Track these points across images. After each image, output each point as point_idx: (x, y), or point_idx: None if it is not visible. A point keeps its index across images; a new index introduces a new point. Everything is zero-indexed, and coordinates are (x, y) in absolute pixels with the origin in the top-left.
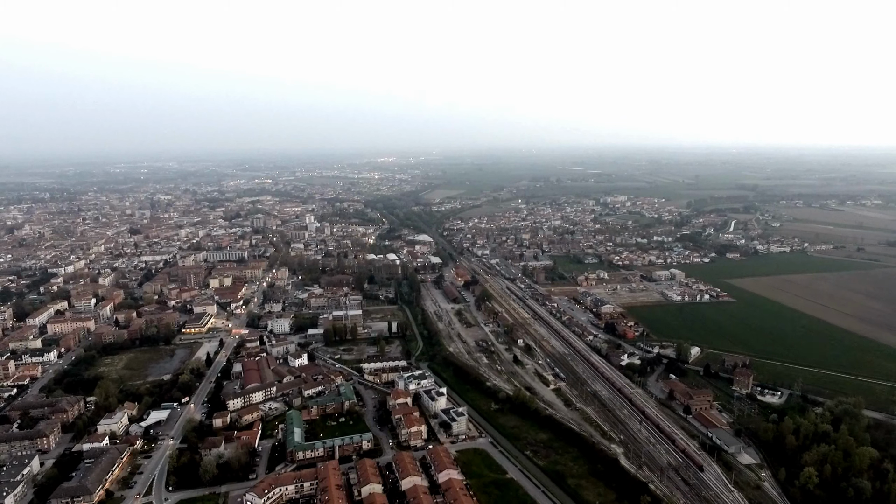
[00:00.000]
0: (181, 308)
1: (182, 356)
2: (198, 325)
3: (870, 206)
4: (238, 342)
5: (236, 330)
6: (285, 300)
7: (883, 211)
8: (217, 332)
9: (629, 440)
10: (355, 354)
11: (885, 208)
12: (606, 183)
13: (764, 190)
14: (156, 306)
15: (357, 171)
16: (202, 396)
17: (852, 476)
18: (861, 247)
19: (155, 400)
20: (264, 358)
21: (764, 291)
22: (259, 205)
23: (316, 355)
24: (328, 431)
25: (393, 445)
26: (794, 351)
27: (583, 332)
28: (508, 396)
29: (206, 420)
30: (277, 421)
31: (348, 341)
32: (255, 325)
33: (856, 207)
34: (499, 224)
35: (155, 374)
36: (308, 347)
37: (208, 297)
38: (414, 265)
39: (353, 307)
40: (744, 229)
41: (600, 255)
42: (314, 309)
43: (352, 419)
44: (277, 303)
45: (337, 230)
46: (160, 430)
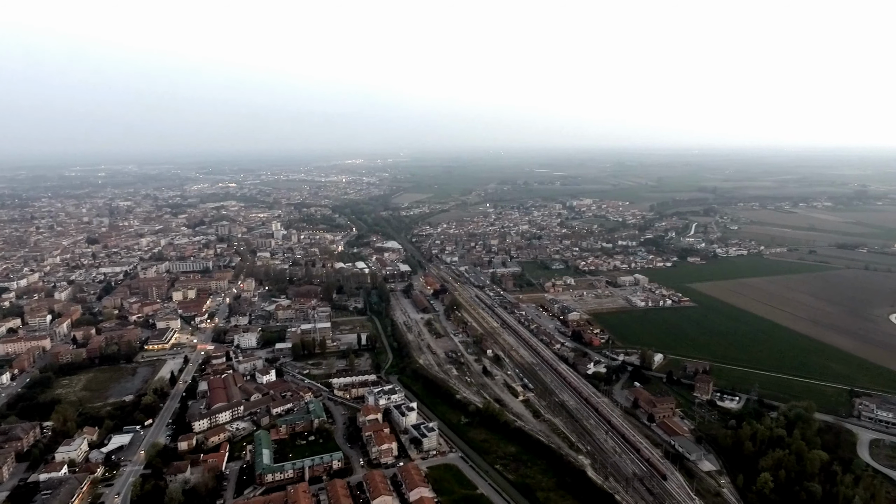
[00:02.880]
0: (143, 323)
1: (145, 375)
2: (161, 342)
3: (820, 208)
4: (203, 359)
5: (201, 346)
6: (252, 313)
7: (832, 213)
8: (181, 348)
9: (596, 451)
10: (324, 369)
11: (835, 210)
12: (572, 185)
13: (723, 192)
14: (116, 322)
15: (324, 174)
16: (166, 418)
17: (805, 480)
18: (813, 249)
19: (116, 423)
20: (231, 375)
21: (723, 295)
22: (224, 211)
23: (284, 371)
24: (298, 451)
25: (364, 464)
26: (751, 355)
27: (550, 340)
28: (478, 409)
29: (171, 443)
30: (245, 441)
31: (317, 355)
32: (221, 339)
33: (808, 209)
34: (467, 229)
35: (116, 395)
36: (276, 363)
37: (172, 311)
38: (383, 273)
39: (322, 319)
40: (704, 232)
41: (567, 260)
42: (282, 321)
43: (322, 437)
44: (244, 316)
45: (304, 237)
46: (122, 455)
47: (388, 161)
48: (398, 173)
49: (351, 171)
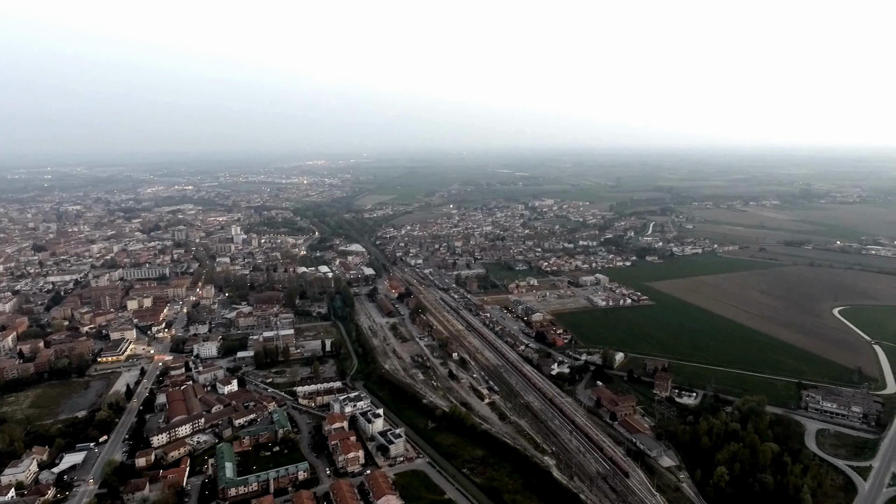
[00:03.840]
0: (96, 334)
1: (98, 389)
2: (115, 353)
3: (769, 206)
4: (161, 370)
5: (159, 356)
6: (212, 321)
7: (780, 211)
8: (137, 359)
9: (561, 451)
10: (288, 377)
11: (782, 209)
12: (534, 186)
13: (679, 192)
14: (66, 334)
15: (285, 176)
16: (123, 433)
17: (758, 472)
18: (763, 247)
19: (69, 441)
20: (191, 386)
21: (679, 293)
22: (180, 214)
23: (247, 380)
24: (262, 463)
25: (330, 473)
26: (707, 351)
27: (515, 342)
28: (445, 413)
29: (128, 460)
30: (207, 455)
31: (280, 363)
32: (180, 349)
33: (757, 208)
34: (431, 231)
35: (68, 411)
36: (238, 372)
37: (126, 321)
38: (347, 278)
39: (285, 326)
40: (661, 232)
41: (530, 261)
42: (243, 329)
43: (286, 448)
44: (203, 324)
45: (265, 241)
46: (76, 475)
47: (351, 162)
48: (361, 174)
49: (312, 172)
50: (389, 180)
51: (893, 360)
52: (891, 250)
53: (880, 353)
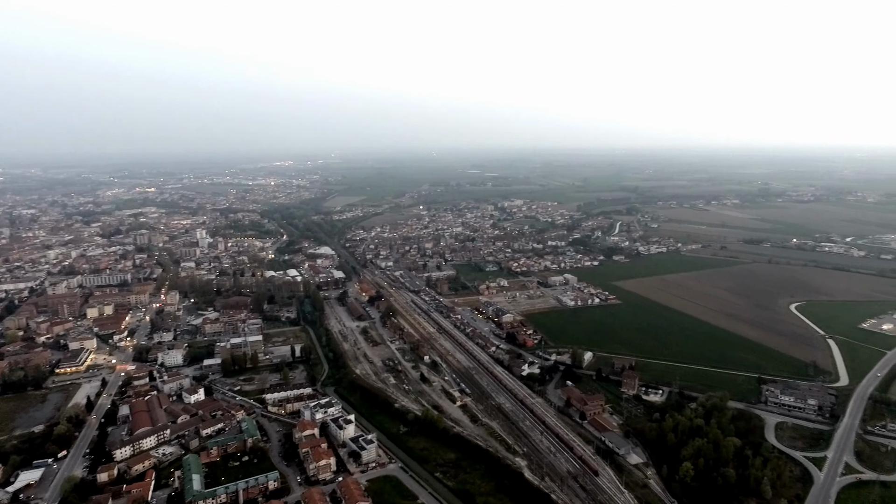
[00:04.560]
0: (53, 345)
1: (56, 402)
2: (74, 364)
3: (730, 205)
4: (124, 380)
5: (121, 366)
6: (177, 328)
7: (740, 210)
8: (98, 369)
9: (532, 452)
10: (257, 384)
11: (742, 207)
12: (503, 186)
13: (644, 191)
14: (21, 345)
15: (252, 177)
16: (83, 448)
17: (721, 466)
18: (724, 245)
19: (24, 458)
20: (155, 396)
21: (645, 292)
22: (142, 218)
23: (214, 388)
24: (231, 473)
25: (301, 481)
26: (672, 349)
27: (486, 343)
28: (417, 417)
29: (90, 475)
30: (173, 467)
31: (249, 370)
32: (144, 358)
33: (719, 207)
34: (401, 233)
35: (23, 426)
36: (204, 380)
37: (86, 330)
38: (316, 281)
39: (253, 332)
40: (627, 231)
41: (500, 262)
42: (210, 336)
43: (256, 457)
44: (168, 331)
45: (232, 245)
46: (32, 493)
47: (319, 162)
48: (329, 175)
49: (280, 173)
50: (359, 181)
51: (845, 354)
52: (842, 247)
53: (833, 346)
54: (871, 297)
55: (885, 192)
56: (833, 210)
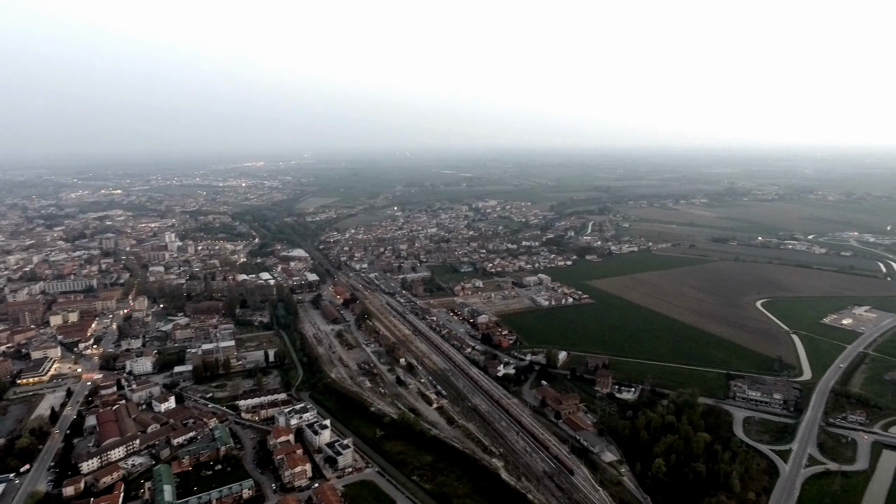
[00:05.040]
0: (14, 354)
1: (18, 414)
2: (37, 374)
3: (698, 204)
4: (90, 390)
5: (87, 375)
6: (146, 334)
7: (708, 209)
8: (63, 379)
9: (508, 452)
10: (230, 391)
11: (710, 206)
12: (478, 187)
13: (616, 191)
14: None
15: (222, 178)
16: (47, 461)
17: (692, 461)
18: (693, 244)
19: None
20: (124, 406)
21: (618, 291)
22: (108, 221)
23: (185, 396)
24: (203, 483)
25: (276, 489)
26: (644, 347)
27: (461, 345)
28: (393, 420)
29: (55, 490)
30: (144, 478)
31: (221, 376)
32: (111, 366)
33: (687, 206)
34: (376, 234)
35: None
36: (175, 388)
37: (49, 338)
38: (290, 284)
39: (225, 337)
40: (599, 231)
41: (475, 262)
42: (180, 342)
43: (230, 465)
44: (136, 338)
45: (202, 248)
46: None
47: (291, 163)
48: (302, 176)
49: (251, 174)
50: (332, 182)
51: (808, 349)
52: (805, 245)
53: (797, 342)
54: (832, 292)
55: (843, 191)
56: (795, 208)
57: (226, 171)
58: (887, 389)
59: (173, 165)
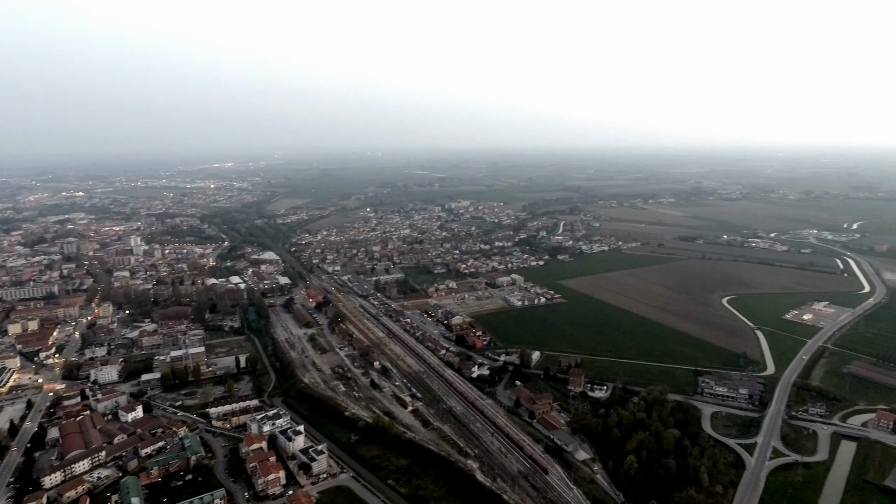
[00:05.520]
0: None
1: None
2: None
3: (666, 203)
4: (52, 401)
5: (49, 385)
6: (111, 342)
7: (675, 208)
8: (23, 390)
9: (484, 453)
10: (200, 398)
11: (677, 206)
12: (450, 187)
13: (586, 191)
14: None
15: (189, 180)
16: (6, 477)
17: (662, 457)
18: (661, 242)
19: None
20: (88, 417)
21: (589, 290)
22: (70, 225)
23: (153, 405)
24: (173, 494)
25: (249, 497)
26: (615, 345)
27: (436, 346)
28: (368, 425)
29: None
30: (110, 491)
31: (191, 383)
32: (74, 376)
33: (656, 205)
34: (348, 236)
35: None
36: (143, 397)
37: (8, 348)
38: (261, 288)
39: (195, 343)
40: (571, 230)
41: (448, 263)
42: (147, 349)
43: (201, 475)
44: (101, 346)
45: (169, 252)
46: None
47: (261, 164)
48: (272, 177)
49: (220, 175)
50: (303, 183)
51: (772, 344)
52: (767, 242)
53: (761, 337)
54: (794, 289)
55: (803, 190)
56: (759, 207)
57: (193, 172)
58: (845, 382)
59: (138, 167)
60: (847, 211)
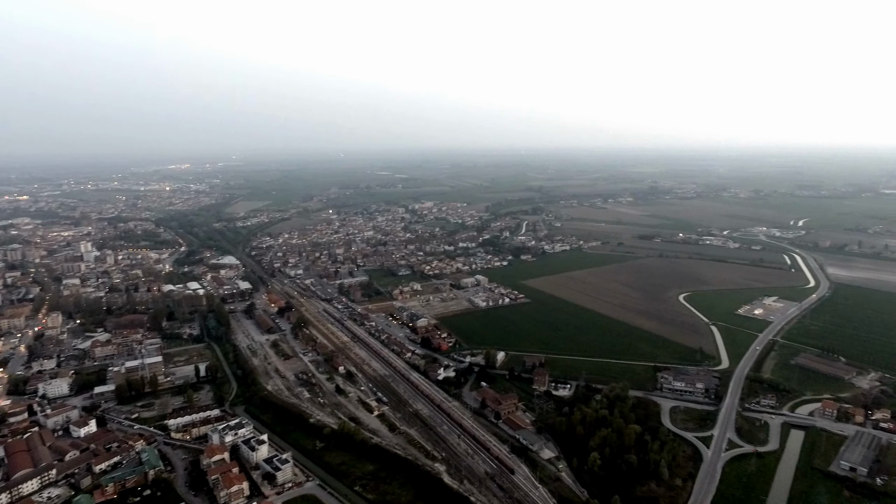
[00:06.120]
0: None
1: None
2: None
3: (624, 203)
4: None
5: None
6: (61, 353)
7: (634, 207)
8: None
9: (451, 456)
10: (158, 410)
11: (636, 205)
12: (413, 188)
13: (548, 191)
14: None
15: (143, 182)
16: None
17: (624, 453)
18: (621, 241)
19: None
20: (37, 433)
21: (552, 289)
22: (14, 230)
23: (108, 418)
24: None
25: None
26: (578, 344)
27: (401, 349)
28: (333, 431)
29: None
30: None
31: (148, 394)
32: (21, 391)
33: (615, 205)
34: (311, 238)
35: None
36: (96, 410)
37: None
38: (220, 294)
39: (151, 352)
40: (533, 230)
41: (413, 265)
42: (101, 360)
43: (160, 490)
44: (50, 358)
45: (123, 258)
46: None
47: (219, 165)
48: (231, 179)
49: (175, 177)
50: (263, 185)
51: (726, 338)
52: (720, 240)
53: (716, 332)
54: (745, 284)
55: (752, 189)
56: (712, 206)
57: (147, 174)
58: (793, 374)
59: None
60: (793, 208)
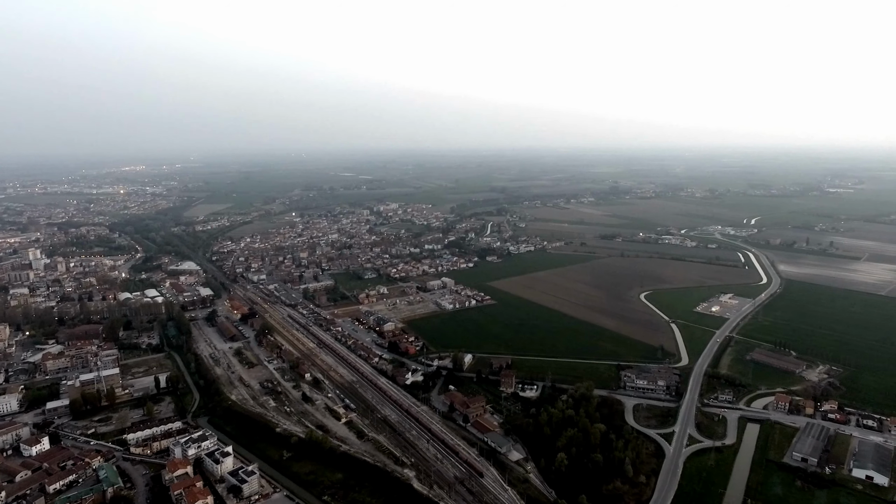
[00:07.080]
0: None
1: None
2: None
3: (586, 203)
4: None
5: None
6: (8, 367)
7: (596, 207)
8: None
9: (420, 461)
10: (116, 424)
11: (597, 205)
12: (378, 189)
13: (511, 192)
14: None
15: (96, 185)
16: None
17: (590, 451)
18: (583, 241)
19: None
20: None
21: (517, 291)
22: None
23: (62, 435)
24: None
25: None
26: (544, 344)
27: (369, 354)
28: (301, 440)
29: None
30: None
31: (105, 408)
32: None
33: (577, 205)
34: (274, 242)
35: None
36: (49, 427)
37: None
38: (180, 301)
39: (107, 364)
40: (498, 232)
41: (378, 268)
42: (53, 373)
43: None
44: None
45: (75, 265)
46: None
47: (177, 167)
48: (189, 181)
49: (130, 179)
50: (223, 187)
51: (685, 336)
52: (678, 239)
53: (676, 330)
54: (702, 282)
55: (708, 188)
56: (670, 205)
57: (99, 176)
58: (748, 369)
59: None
60: (746, 207)
